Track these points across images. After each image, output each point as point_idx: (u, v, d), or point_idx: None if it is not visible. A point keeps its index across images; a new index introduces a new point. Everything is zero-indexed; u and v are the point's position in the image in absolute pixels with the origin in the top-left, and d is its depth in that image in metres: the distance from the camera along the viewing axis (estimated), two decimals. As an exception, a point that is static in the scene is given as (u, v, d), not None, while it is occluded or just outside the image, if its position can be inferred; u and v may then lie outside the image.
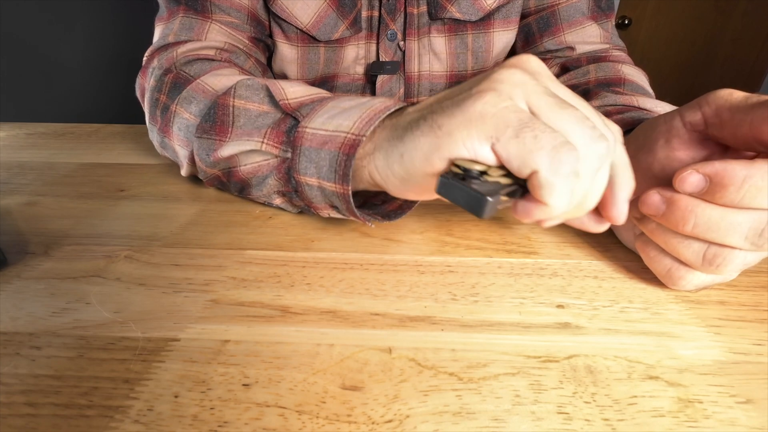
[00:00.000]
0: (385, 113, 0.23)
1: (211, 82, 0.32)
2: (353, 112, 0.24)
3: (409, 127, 0.21)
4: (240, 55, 0.40)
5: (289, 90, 0.28)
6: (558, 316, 0.22)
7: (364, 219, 0.26)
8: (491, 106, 0.18)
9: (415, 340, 0.21)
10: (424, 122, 0.20)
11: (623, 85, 0.39)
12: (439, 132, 0.19)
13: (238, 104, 0.29)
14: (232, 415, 0.17)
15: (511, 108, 0.18)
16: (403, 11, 0.46)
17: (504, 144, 0.18)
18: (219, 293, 0.24)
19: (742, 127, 0.19)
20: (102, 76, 1.36)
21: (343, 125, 0.24)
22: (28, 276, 0.25)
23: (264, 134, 0.28)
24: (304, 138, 0.25)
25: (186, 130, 0.32)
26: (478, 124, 0.18)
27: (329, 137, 0.24)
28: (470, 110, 0.18)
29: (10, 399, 0.17)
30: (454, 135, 0.19)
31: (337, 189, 0.25)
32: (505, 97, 0.18)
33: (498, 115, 0.18)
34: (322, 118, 0.25)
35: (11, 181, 0.37)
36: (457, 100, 0.19)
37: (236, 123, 0.29)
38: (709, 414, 0.17)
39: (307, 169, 0.26)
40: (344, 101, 0.26)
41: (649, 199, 0.22)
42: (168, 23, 0.40)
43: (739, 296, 0.24)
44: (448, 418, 0.17)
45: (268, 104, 0.29)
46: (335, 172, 0.24)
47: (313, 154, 0.25)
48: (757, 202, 0.19)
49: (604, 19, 0.47)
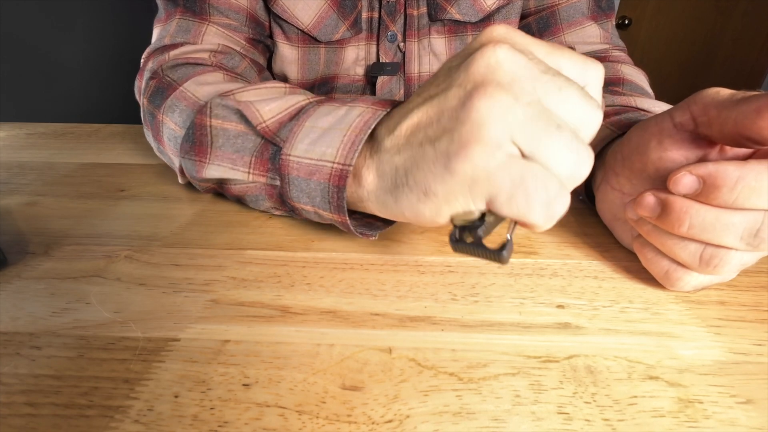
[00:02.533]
0: (367, 132, 0.22)
1: (193, 90, 0.32)
2: (334, 136, 0.23)
3: (398, 183, 0.20)
4: (234, 57, 0.40)
5: (264, 110, 0.27)
6: (558, 316, 0.22)
7: (366, 236, 0.25)
8: (480, 169, 0.17)
9: (415, 340, 0.21)
10: (414, 184, 0.19)
11: (622, 85, 0.39)
12: (435, 200, 0.19)
13: (216, 124, 0.28)
14: (232, 415, 0.17)
15: (501, 165, 0.17)
16: (403, 12, 0.46)
17: (499, 206, 0.18)
18: (219, 293, 0.24)
19: (728, 123, 0.19)
20: (102, 76, 1.36)
21: (326, 153, 0.23)
22: (28, 276, 0.25)
23: (249, 163, 0.27)
24: (289, 167, 0.25)
25: (174, 142, 0.32)
26: (472, 189, 0.18)
27: (315, 167, 0.24)
28: (461, 174, 0.18)
29: (10, 399, 0.17)
30: (451, 202, 0.19)
31: (334, 218, 0.24)
32: (492, 149, 0.17)
33: (489, 179, 0.17)
34: (304, 144, 0.24)
35: (11, 181, 0.37)
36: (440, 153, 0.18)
37: (215, 143, 0.28)
38: (709, 414, 0.17)
39: (299, 198, 0.25)
40: (321, 118, 0.25)
41: (644, 201, 0.22)
42: (165, 25, 0.40)
43: (739, 296, 0.24)
44: (448, 418, 0.17)
45: (245, 126, 0.28)
46: (329, 203, 0.24)
47: (302, 184, 0.24)
48: (751, 202, 0.19)
49: (604, 19, 0.47)
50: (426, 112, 0.19)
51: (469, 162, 0.17)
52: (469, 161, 0.17)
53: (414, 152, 0.19)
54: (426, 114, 0.19)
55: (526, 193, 0.17)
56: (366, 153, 0.22)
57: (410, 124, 0.20)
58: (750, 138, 0.19)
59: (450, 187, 0.18)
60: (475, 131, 0.17)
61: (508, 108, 0.17)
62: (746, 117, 0.18)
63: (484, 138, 0.17)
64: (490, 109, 0.17)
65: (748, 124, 0.18)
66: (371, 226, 0.27)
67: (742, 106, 0.18)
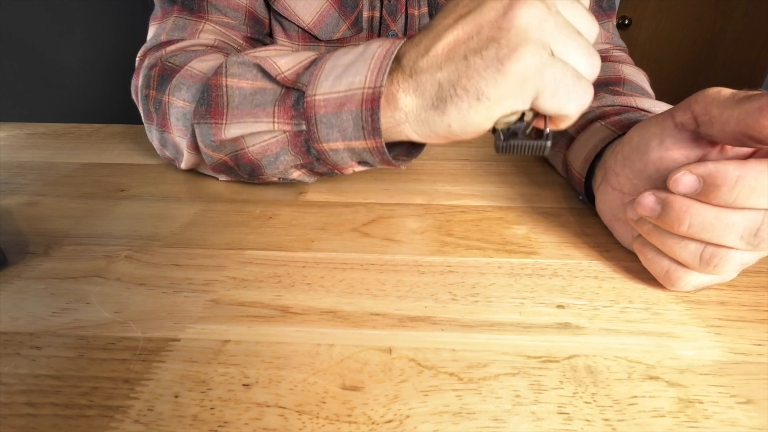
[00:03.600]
0: (391, 57, 0.23)
1: (199, 67, 0.32)
2: (358, 66, 0.24)
3: (446, 96, 0.22)
4: (231, 52, 0.40)
5: (281, 62, 0.28)
6: (558, 316, 0.22)
7: (398, 165, 0.27)
8: (532, 66, 0.20)
9: (415, 340, 0.21)
10: (465, 93, 0.21)
11: (623, 85, 0.39)
12: (488, 103, 0.21)
13: (231, 83, 0.29)
14: (232, 415, 0.17)
15: (547, 65, 0.20)
16: (404, 12, 0.46)
17: (543, 101, 0.21)
18: (219, 293, 0.24)
19: (730, 122, 0.19)
20: (102, 76, 1.36)
21: (354, 82, 0.24)
22: (28, 276, 0.25)
23: (272, 113, 0.27)
24: (316, 107, 0.25)
25: (183, 119, 0.31)
26: (523, 87, 0.20)
27: (345, 98, 0.24)
28: (514, 76, 0.20)
29: (10, 399, 0.17)
30: (503, 102, 0.21)
31: (369, 145, 0.25)
32: (539, 50, 0.20)
33: (538, 77, 0.20)
34: (329, 81, 0.25)
35: (11, 181, 0.37)
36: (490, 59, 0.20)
37: (231, 103, 0.28)
38: (709, 414, 0.17)
39: (329, 136, 0.25)
40: (341, 58, 0.26)
41: (644, 201, 0.22)
42: (161, 23, 0.40)
43: (739, 296, 0.24)
44: (448, 419, 0.17)
45: (263, 80, 0.28)
46: (363, 130, 0.24)
47: (332, 119, 0.25)
48: (751, 202, 0.19)
49: (605, 20, 0.47)
50: (463, 29, 0.21)
51: (522, 62, 0.20)
52: (521, 61, 0.20)
53: (458, 65, 0.21)
54: (463, 30, 0.21)
55: (566, 88, 0.20)
56: (398, 77, 0.23)
57: (447, 42, 0.22)
58: (752, 137, 0.18)
59: (503, 88, 0.20)
60: (522, 35, 0.20)
61: (544, 16, 0.20)
62: (749, 116, 0.18)
63: (530, 40, 0.20)
64: (532, 16, 0.20)
65: (750, 123, 0.18)
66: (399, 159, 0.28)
67: (744, 105, 0.18)
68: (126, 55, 1.29)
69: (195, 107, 0.30)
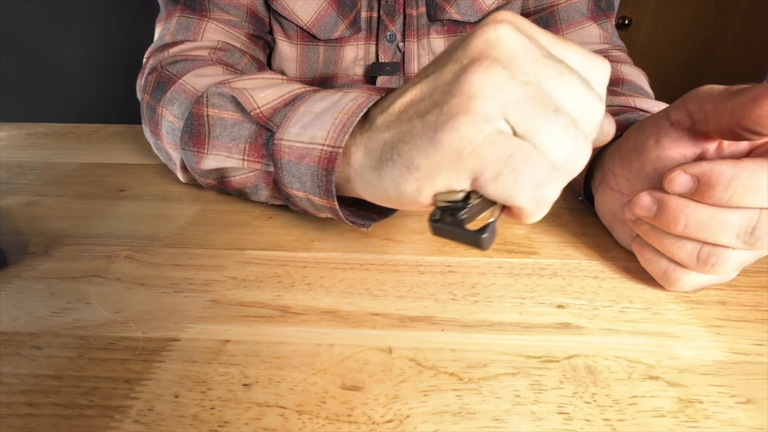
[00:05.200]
0: (359, 115, 0.22)
1: (193, 82, 0.32)
2: (325, 119, 0.23)
3: (384, 158, 0.20)
4: (234, 54, 0.40)
5: (259, 96, 0.27)
6: (558, 316, 0.22)
7: (359, 226, 0.25)
8: (466, 142, 0.17)
9: (415, 340, 0.21)
10: (399, 158, 0.19)
11: (622, 85, 0.39)
12: (417, 174, 0.18)
13: (212, 113, 0.28)
14: (232, 415, 0.17)
15: (488, 140, 0.16)
16: (402, 12, 0.46)
17: (484, 184, 0.17)
18: (219, 293, 0.24)
19: (724, 116, 0.19)
20: (102, 76, 1.36)
21: (317, 136, 0.23)
22: (28, 276, 0.25)
23: (243, 150, 0.27)
24: (281, 152, 0.24)
25: (173, 134, 0.31)
26: (456, 164, 0.17)
27: (305, 151, 0.23)
28: (445, 147, 0.17)
29: (11, 399, 0.17)
30: (434, 178, 0.18)
31: (324, 203, 0.24)
32: (480, 123, 0.16)
33: (475, 153, 0.17)
34: (296, 128, 0.24)
35: (11, 181, 0.37)
36: (428, 125, 0.18)
37: (212, 133, 0.28)
38: (709, 414, 0.17)
39: (291, 184, 0.25)
40: (316, 103, 0.24)
41: (641, 201, 0.22)
42: (166, 24, 0.40)
43: (739, 296, 0.24)
44: (448, 418, 0.17)
45: (240, 113, 0.28)
46: (319, 188, 0.23)
47: (293, 169, 0.24)
48: (746, 200, 0.19)
49: (604, 19, 0.47)
50: (420, 89, 0.19)
51: (455, 133, 0.17)
52: (455, 132, 0.17)
53: (402, 127, 0.19)
54: (420, 91, 0.19)
55: (513, 171, 0.16)
56: (357, 132, 0.22)
57: (403, 102, 0.20)
58: (747, 128, 0.18)
59: (434, 161, 0.17)
60: (465, 103, 0.17)
61: (503, 83, 0.16)
62: (743, 107, 0.18)
63: (473, 110, 0.16)
64: (484, 82, 0.16)
65: (745, 114, 0.18)
66: (365, 217, 0.27)
67: (737, 97, 0.18)
68: (126, 55, 1.29)
69: (181, 132, 0.30)
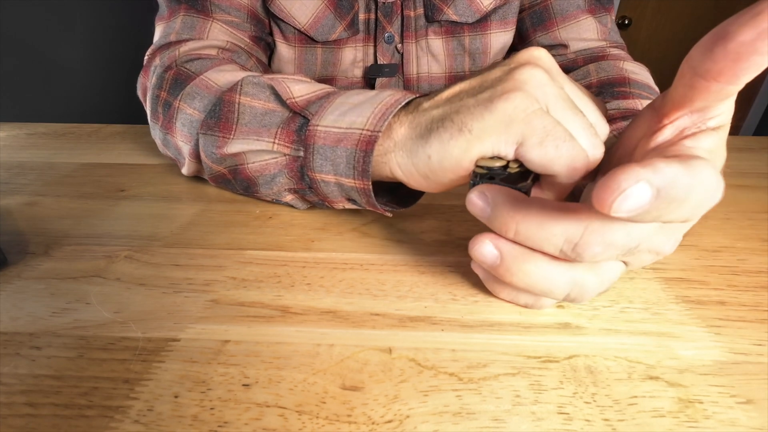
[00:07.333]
0: (397, 107, 0.23)
1: (215, 78, 0.32)
2: (364, 108, 0.24)
3: (432, 127, 0.21)
4: (242, 55, 0.41)
5: (294, 88, 0.28)
6: (558, 316, 0.22)
7: (384, 210, 0.26)
8: (520, 110, 0.19)
9: (415, 340, 0.21)
10: (450, 124, 0.20)
11: (629, 85, 0.38)
12: (469, 136, 0.20)
13: (244, 101, 0.29)
14: (232, 415, 0.17)
15: (538, 113, 0.19)
16: (400, 14, 0.46)
17: (528, 149, 0.19)
18: (219, 293, 0.24)
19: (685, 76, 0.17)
20: (102, 76, 1.36)
21: (356, 122, 0.24)
22: (28, 276, 0.25)
23: (274, 134, 0.28)
24: (316, 136, 0.25)
25: (189, 126, 0.32)
26: (508, 128, 0.19)
27: (343, 135, 0.24)
28: (500, 113, 0.19)
29: (10, 399, 0.17)
30: (485, 139, 0.20)
31: (356, 185, 0.25)
32: (532, 100, 0.19)
33: (526, 121, 0.19)
34: (333, 116, 0.25)
35: (11, 181, 0.37)
36: (481, 99, 0.20)
37: (241, 120, 0.29)
38: (709, 414, 0.17)
39: (322, 167, 0.26)
40: (352, 96, 0.26)
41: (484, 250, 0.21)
42: (169, 22, 0.40)
43: (739, 296, 0.24)
44: (448, 419, 0.17)
45: (274, 102, 0.29)
46: (354, 169, 0.24)
47: (328, 152, 0.25)
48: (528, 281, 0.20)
49: (603, 13, 0.45)
50: (469, 83, 0.22)
51: (511, 102, 0.19)
52: (510, 102, 0.19)
53: (453, 105, 0.21)
54: (468, 84, 0.22)
55: (556, 141, 0.19)
56: (400, 113, 0.24)
57: (452, 91, 0.22)
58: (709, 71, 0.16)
59: (487, 124, 0.19)
60: (519, 84, 0.19)
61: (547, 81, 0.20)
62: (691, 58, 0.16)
63: (526, 89, 0.19)
64: (533, 76, 0.20)
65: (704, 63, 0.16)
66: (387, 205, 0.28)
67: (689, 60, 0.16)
68: (126, 55, 1.30)
69: (204, 118, 0.30)
